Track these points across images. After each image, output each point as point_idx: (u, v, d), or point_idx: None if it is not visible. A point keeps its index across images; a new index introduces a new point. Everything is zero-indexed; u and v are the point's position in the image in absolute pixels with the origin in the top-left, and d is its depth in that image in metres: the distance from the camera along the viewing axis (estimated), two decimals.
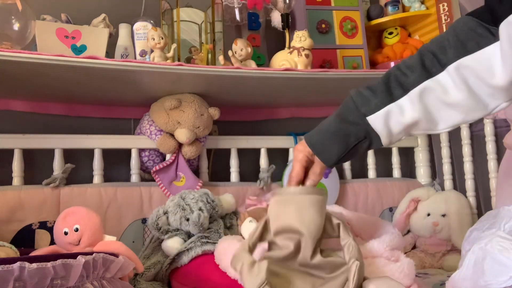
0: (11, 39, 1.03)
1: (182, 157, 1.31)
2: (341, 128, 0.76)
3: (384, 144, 0.76)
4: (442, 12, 1.42)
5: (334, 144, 0.77)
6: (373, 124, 0.74)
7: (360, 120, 0.75)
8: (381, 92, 0.74)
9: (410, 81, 0.73)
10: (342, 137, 0.76)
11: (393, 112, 0.73)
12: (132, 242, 1.26)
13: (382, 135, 0.75)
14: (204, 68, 1.14)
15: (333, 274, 0.75)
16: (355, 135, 0.75)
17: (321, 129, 0.80)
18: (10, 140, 1.22)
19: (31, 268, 0.68)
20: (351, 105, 0.76)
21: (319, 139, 0.79)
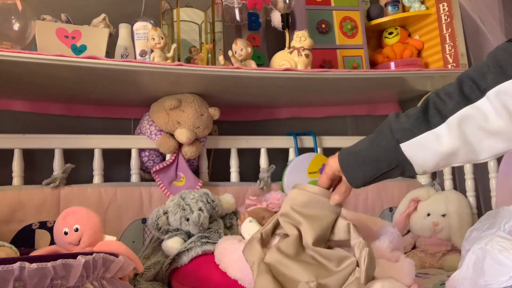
0: (11, 39, 1.03)
1: (182, 157, 1.31)
2: (372, 153, 0.74)
3: (418, 172, 0.73)
4: (442, 12, 1.42)
5: (363, 168, 0.76)
6: (407, 152, 0.71)
7: (392, 147, 0.72)
8: (418, 119, 0.71)
9: (448, 108, 0.69)
10: (371, 163, 0.74)
11: (429, 140, 0.70)
12: (132, 242, 1.26)
13: (416, 164, 0.72)
14: (204, 68, 1.14)
15: (339, 268, 0.76)
16: (387, 162, 0.73)
17: (353, 150, 0.79)
18: (10, 140, 1.22)
19: (31, 268, 0.68)
20: (386, 130, 0.74)
21: (349, 160, 0.79)
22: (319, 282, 0.74)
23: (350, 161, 0.78)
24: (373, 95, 1.58)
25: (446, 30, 1.40)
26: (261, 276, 0.77)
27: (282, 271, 0.77)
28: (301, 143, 1.50)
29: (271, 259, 0.79)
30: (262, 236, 0.85)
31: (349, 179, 0.78)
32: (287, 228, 0.83)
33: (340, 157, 0.80)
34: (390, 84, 1.44)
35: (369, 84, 1.39)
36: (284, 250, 0.79)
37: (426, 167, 0.72)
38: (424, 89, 1.55)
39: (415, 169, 0.72)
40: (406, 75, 1.34)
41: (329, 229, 0.81)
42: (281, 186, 1.43)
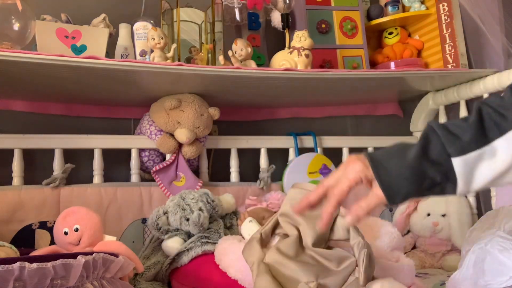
0: (11, 39, 1.03)
1: (182, 157, 1.31)
2: (421, 165, 0.63)
3: (459, 193, 0.64)
4: (442, 12, 1.42)
5: (408, 184, 0.63)
6: (458, 168, 0.62)
7: (443, 161, 0.62)
8: (475, 132, 0.62)
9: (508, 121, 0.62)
10: (418, 176, 0.63)
11: (485, 157, 0.61)
12: (132, 242, 1.26)
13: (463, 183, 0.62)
14: (204, 68, 1.14)
15: (339, 268, 0.76)
16: (432, 178, 0.63)
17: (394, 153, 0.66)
18: (10, 140, 1.22)
19: (31, 268, 0.68)
20: (435, 140, 0.64)
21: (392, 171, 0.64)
22: (319, 283, 0.74)
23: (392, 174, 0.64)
24: (373, 95, 1.58)
25: (446, 30, 1.40)
26: (260, 277, 0.77)
27: (281, 272, 0.77)
28: (301, 143, 1.50)
29: (271, 260, 0.79)
30: (261, 236, 0.85)
31: (390, 196, 0.64)
32: (286, 228, 0.83)
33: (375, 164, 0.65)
34: (390, 84, 1.44)
35: (369, 84, 1.39)
36: (284, 251, 0.79)
37: (472, 187, 0.63)
38: (424, 89, 1.55)
39: (458, 188, 0.63)
40: (406, 75, 1.34)
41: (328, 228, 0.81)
42: (281, 186, 1.43)
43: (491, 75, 1.33)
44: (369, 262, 0.74)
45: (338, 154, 1.55)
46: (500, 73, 1.31)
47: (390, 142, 1.67)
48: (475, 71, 1.35)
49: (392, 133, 1.65)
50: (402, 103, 1.72)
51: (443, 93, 1.51)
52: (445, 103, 1.53)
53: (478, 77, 1.37)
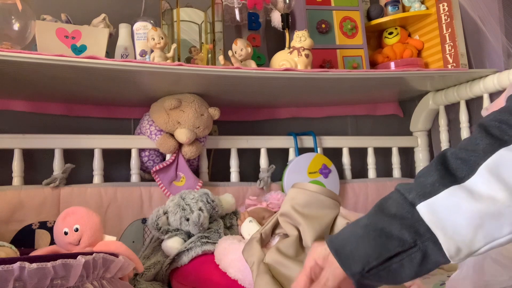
0: (11, 39, 1.03)
1: (182, 157, 1.31)
2: (377, 222, 0.52)
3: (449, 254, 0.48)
4: (442, 12, 1.42)
5: (363, 243, 0.51)
6: (428, 218, 0.49)
7: (406, 212, 0.50)
8: (437, 170, 0.52)
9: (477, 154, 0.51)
10: (376, 236, 0.51)
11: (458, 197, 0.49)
12: (132, 242, 1.26)
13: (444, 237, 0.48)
14: (204, 68, 1.14)
15: None
16: (399, 237, 0.50)
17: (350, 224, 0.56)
18: (10, 140, 1.21)
19: (31, 268, 0.68)
20: (394, 195, 0.54)
21: (344, 235, 0.55)
22: None
23: (343, 237, 0.54)
24: (373, 95, 1.58)
25: (446, 30, 1.40)
26: (260, 276, 0.77)
27: (281, 272, 0.77)
28: (301, 143, 1.50)
29: (271, 260, 0.79)
30: (261, 236, 0.85)
31: (342, 260, 0.52)
32: (286, 228, 0.83)
33: (330, 238, 0.56)
34: (390, 84, 1.44)
35: (369, 84, 1.39)
36: (284, 251, 0.79)
37: (459, 243, 0.48)
38: (424, 89, 1.55)
39: (444, 247, 0.48)
40: (406, 75, 1.34)
41: (328, 228, 0.81)
42: (281, 186, 1.43)
43: (491, 75, 1.33)
44: None
45: (338, 154, 1.55)
46: (500, 73, 1.31)
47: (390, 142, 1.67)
48: (475, 71, 1.35)
49: (392, 133, 1.65)
50: (402, 103, 1.72)
51: (443, 93, 1.51)
52: (445, 103, 1.53)
53: (478, 77, 1.37)
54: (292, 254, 0.79)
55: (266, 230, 0.86)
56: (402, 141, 1.64)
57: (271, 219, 0.88)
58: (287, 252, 0.79)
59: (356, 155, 1.59)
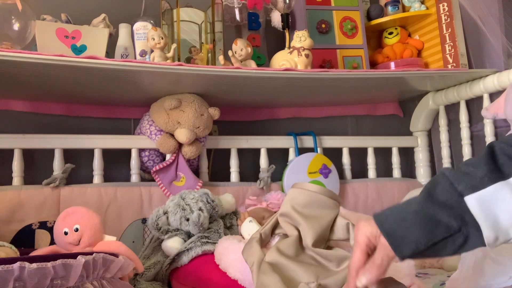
0: (11, 39, 1.03)
1: (182, 157, 1.31)
2: (426, 211, 0.55)
3: (487, 241, 0.54)
4: (442, 12, 1.42)
5: (413, 232, 0.55)
6: (474, 209, 0.53)
7: (454, 202, 0.54)
8: (486, 165, 0.56)
9: None
10: (425, 224, 0.55)
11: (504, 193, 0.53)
12: (132, 242, 1.26)
13: (486, 226, 0.53)
14: (204, 68, 1.14)
15: (339, 268, 0.76)
16: (446, 224, 0.54)
17: (399, 207, 0.59)
18: (10, 140, 1.22)
19: (31, 268, 0.68)
20: (442, 181, 0.57)
21: (393, 219, 0.58)
22: (319, 283, 0.74)
23: (394, 220, 0.57)
24: (373, 95, 1.58)
25: (446, 30, 1.40)
26: (269, 276, 0.76)
27: (282, 272, 0.77)
28: (301, 143, 1.50)
29: (271, 260, 0.79)
30: (261, 236, 0.85)
31: (394, 244, 0.56)
32: (286, 228, 0.83)
33: (379, 217, 0.59)
34: (390, 84, 1.44)
35: (369, 84, 1.39)
36: (284, 251, 0.79)
37: (498, 232, 0.53)
38: (424, 89, 1.55)
39: (484, 234, 0.53)
40: (406, 75, 1.34)
41: (328, 228, 0.81)
42: (281, 186, 1.43)
43: (491, 75, 1.33)
44: None
45: (338, 154, 1.55)
46: (500, 73, 1.31)
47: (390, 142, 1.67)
48: (475, 71, 1.35)
49: (392, 133, 1.65)
50: (402, 103, 1.72)
51: (443, 93, 1.51)
52: (445, 103, 1.53)
53: (478, 77, 1.37)
54: (292, 254, 0.79)
55: (266, 230, 0.86)
56: (402, 141, 1.64)
57: (271, 219, 0.88)
58: (287, 252, 0.79)
59: (356, 155, 1.59)
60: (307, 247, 0.79)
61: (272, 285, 0.75)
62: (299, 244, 0.81)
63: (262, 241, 0.85)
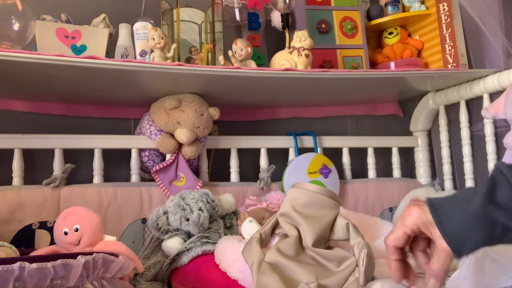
0: (11, 39, 1.03)
1: (182, 157, 1.31)
2: (488, 212, 0.55)
3: None
4: (442, 12, 1.42)
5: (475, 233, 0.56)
6: None
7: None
8: None
9: None
10: (485, 225, 0.55)
11: None
12: (132, 242, 1.26)
13: None
14: (204, 68, 1.14)
15: (339, 268, 0.76)
16: (503, 225, 0.55)
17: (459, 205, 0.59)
18: (10, 140, 1.21)
19: (31, 268, 0.68)
20: (503, 182, 0.57)
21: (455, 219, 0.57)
22: (319, 283, 0.74)
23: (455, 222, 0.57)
24: (373, 95, 1.58)
25: (446, 30, 1.40)
26: (268, 276, 0.76)
27: (282, 272, 0.77)
28: (301, 143, 1.50)
29: (271, 260, 0.79)
30: (261, 236, 0.85)
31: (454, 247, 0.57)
32: (286, 228, 0.83)
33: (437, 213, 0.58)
34: (390, 84, 1.44)
35: (369, 84, 1.39)
36: (284, 251, 0.79)
37: None
38: (424, 89, 1.55)
39: None
40: (406, 75, 1.34)
41: (328, 228, 0.81)
42: (281, 186, 1.43)
43: (491, 75, 1.33)
44: (369, 262, 0.74)
45: (338, 154, 1.55)
46: (500, 73, 1.31)
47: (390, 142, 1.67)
48: (475, 71, 1.35)
49: (392, 133, 1.65)
50: (402, 103, 1.72)
51: (443, 93, 1.51)
52: (445, 103, 1.53)
53: (478, 77, 1.37)
54: (292, 254, 0.79)
55: (266, 230, 0.86)
56: (402, 141, 1.64)
57: (271, 219, 0.88)
58: (287, 252, 0.79)
59: (356, 155, 1.59)
60: (307, 247, 0.79)
61: (272, 285, 0.75)
62: (299, 244, 0.81)
63: (262, 241, 0.85)
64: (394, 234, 0.61)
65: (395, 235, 0.61)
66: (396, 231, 0.61)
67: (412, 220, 0.60)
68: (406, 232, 0.60)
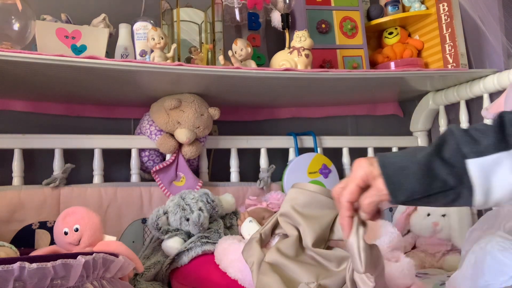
0: (11, 39, 1.03)
1: (182, 157, 1.31)
2: (431, 162, 0.58)
3: (476, 203, 0.57)
4: (442, 12, 1.42)
5: (411, 180, 0.58)
6: (473, 173, 0.56)
7: (457, 162, 0.57)
8: (494, 134, 0.58)
9: None
10: (427, 174, 0.58)
11: (504, 164, 0.56)
12: (132, 242, 1.26)
13: (479, 191, 0.57)
14: (204, 68, 1.14)
15: (339, 268, 0.76)
16: (443, 180, 0.58)
17: (404, 153, 0.62)
18: (10, 140, 1.22)
19: (31, 268, 0.68)
20: (450, 140, 0.60)
21: (398, 163, 0.60)
22: (319, 283, 0.74)
23: (397, 166, 0.60)
24: (373, 95, 1.58)
25: (446, 30, 1.40)
26: (268, 275, 0.76)
27: (282, 272, 0.77)
28: (301, 143, 1.50)
29: (271, 260, 0.79)
30: (261, 236, 0.85)
31: (391, 189, 0.59)
32: (286, 228, 0.83)
33: (382, 159, 0.61)
34: (390, 84, 1.44)
35: (369, 84, 1.39)
36: (284, 251, 0.79)
37: (488, 198, 0.57)
38: (424, 89, 1.55)
39: (475, 198, 0.57)
40: (406, 75, 1.34)
41: (328, 228, 0.81)
42: (281, 186, 1.43)
43: (491, 75, 1.33)
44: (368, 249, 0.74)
45: (338, 154, 1.55)
46: (500, 73, 1.31)
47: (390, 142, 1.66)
48: (475, 71, 1.35)
49: (392, 133, 1.65)
50: (402, 103, 1.72)
51: (443, 93, 1.51)
52: (445, 103, 1.53)
53: (478, 77, 1.37)
54: (292, 254, 0.79)
55: (266, 230, 0.86)
56: (402, 141, 1.64)
57: (271, 219, 0.88)
58: (287, 252, 0.79)
59: (356, 155, 1.59)
60: (307, 247, 0.79)
61: (272, 285, 0.75)
62: (299, 244, 0.81)
63: (262, 241, 0.85)
64: (348, 189, 0.62)
65: (349, 190, 0.62)
66: (349, 185, 0.62)
67: (363, 171, 0.61)
68: (359, 184, 0.61)
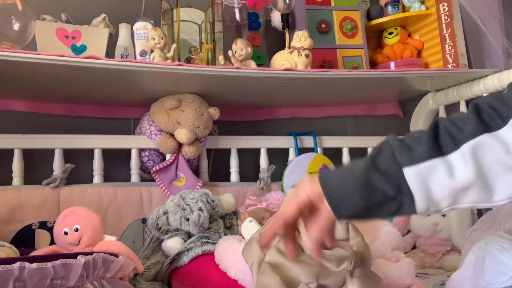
0: (11, 39, 1.03)
1: (182, 157, 1.31)
2: (368, 175, 0.59)
3: (419, 210, 0.58)
4: (442, 12, 1.42)
5: (352, 195, 0.59)
6: (411, 181, 0.58)
7: (394, 171, 0.59)
8: (427, 142, 0.60)
9: (463, 134, 0.59)
10: (366, 188, 0.59)
11: (438, 170, 0.58)
12: (132, 242, 1.26)
13: (419, 198, 0.58)
14: (204, 68, 1.14)
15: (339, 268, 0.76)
16: (383, 191, 0.58)
17: (344, 170, 0.64)
18: (10, 140, 1.21)
19: (31, 268, 0.68)
20: (386, 150, 0.61)
21: (338, 181, 0.61)
22: (319, 283, 0.74)
23: (337, 183, 0.61)
24: (373, 95, 1.58)
25: (446, 30, 1.40)
26: (268, 276, 0.76)
27: (282, 272, 0.77)
28: (301, 143, 1.50)
29: (271, 260, 0.79)
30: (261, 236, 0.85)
31: (334, 206, 0.59)
32: None
33: (323, 178, 0.62)
34: (390, 84, 1.44)
35: (369, 84, 1.39)
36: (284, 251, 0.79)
37: (429, 203, 0.58)
38: (424, 89, 1.55)
39: (416, 205, 0.58)
40: (406, 75, 1.34)
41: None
42: (281, 186, 1.43)
43: (491, 75, 1.33)
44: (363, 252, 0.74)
45: (338, 154, 1.55)
46: (500, 73, 1.31)
47: None
48: (475, 71, 1.35)
49: (392, 133, 1.65)
50: (402, 103, 1.72)
51: (443, 93, 1.51)
52: (445, 103, 1.53)
53: (478, 77, 1.37)
54: None
55: None
56: None
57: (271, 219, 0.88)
58: None
59: (356, 155, 1.59)
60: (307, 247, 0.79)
61: (272, 285, 0.75)
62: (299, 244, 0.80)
63: None
64: (287, 210, 0.63)
65: (288, 211, 0.63)
66: (289, 206, 0.63)
67: (304, 193, 0.62)
68: (299, 206, 0.62)
